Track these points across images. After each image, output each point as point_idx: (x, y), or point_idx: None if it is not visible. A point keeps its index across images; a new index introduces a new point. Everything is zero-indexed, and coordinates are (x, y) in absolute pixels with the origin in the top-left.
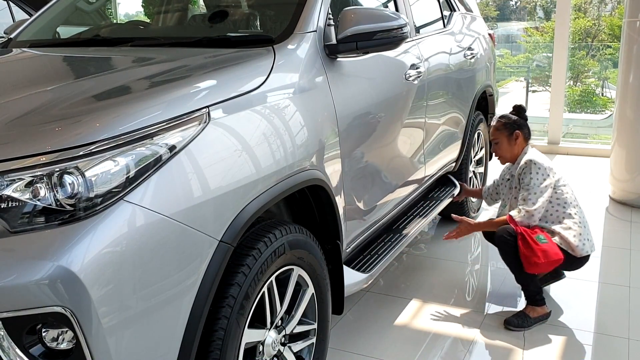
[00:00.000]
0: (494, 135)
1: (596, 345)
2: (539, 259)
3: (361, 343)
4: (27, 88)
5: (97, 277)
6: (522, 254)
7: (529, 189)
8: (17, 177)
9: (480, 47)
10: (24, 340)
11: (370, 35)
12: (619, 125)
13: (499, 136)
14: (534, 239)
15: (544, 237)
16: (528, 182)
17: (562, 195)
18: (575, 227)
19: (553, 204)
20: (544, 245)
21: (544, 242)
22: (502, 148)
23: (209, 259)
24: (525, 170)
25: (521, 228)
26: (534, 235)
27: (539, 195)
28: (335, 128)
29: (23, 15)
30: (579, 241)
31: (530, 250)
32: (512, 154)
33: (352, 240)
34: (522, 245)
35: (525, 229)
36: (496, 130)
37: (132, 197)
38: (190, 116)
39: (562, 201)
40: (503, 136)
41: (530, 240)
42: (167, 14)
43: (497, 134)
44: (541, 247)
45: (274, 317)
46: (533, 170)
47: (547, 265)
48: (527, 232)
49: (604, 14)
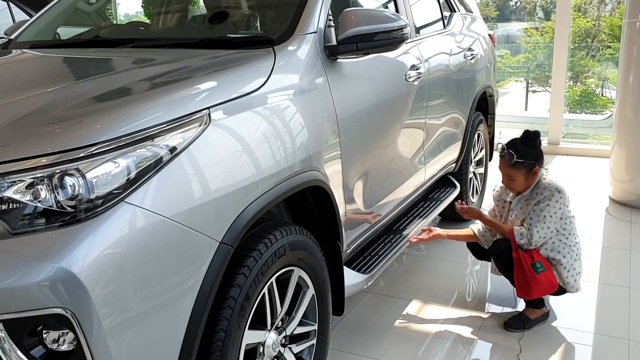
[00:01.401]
0: (510, 172)
1: (596, 346)
2: (531, 289)
3: (361, 344)
4: (27, 89)
5: (98, 279)
6: (516, 277)
7: (540, 216)
8: (18, 179)
9: (481, 47)
10: (24, 342)
11: (370, 37)
12: (619, 125)
13: (516, 174)
14: (531, 267)
15: (541, 265)
16: (542, 209)
17: (569, 226)
18: (571, 262)
19: (559, 234)
20: (540, 275)
21: (540, 271)
22: (518, 184)
23: (210, 261)
24: (547, 195)
25: (520, 252)
26: (532, 263)
27: (547, 225)
28: (335, 129)
29: (23, 16)
30: (573, 280)
31: (525, 278)
32: (528, 186)
33: (353, 241)
34: (518, 270)
35: (523, 254)
36: (512, 169)
37: (132, 198)
38: (190, 117)
39: (567, 232)
40: (521, 174)
41: (527, 268)
42: (167, 14)
43: (514, 172)
44: (536, 277)
45: (275, 319)
46: (554, 198)
47: (539, 294)
48: (524, 257)
49: (603, 14)
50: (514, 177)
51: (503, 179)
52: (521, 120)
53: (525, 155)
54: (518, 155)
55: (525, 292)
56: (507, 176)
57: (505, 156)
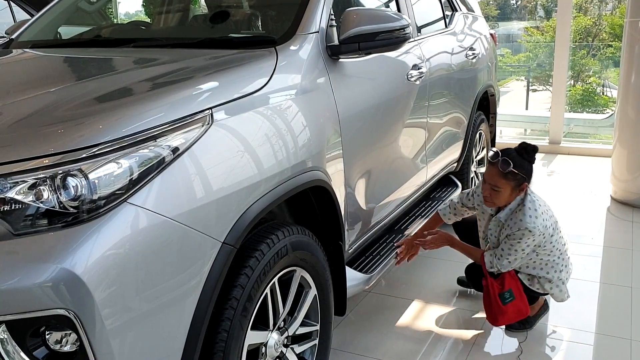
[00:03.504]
0: (498, 182)
1: (598, 346)
2: (496, 318)
3: (363, 344)
4: (29, 90)
5: (101, 279)
6: (485, 304)
7: (511, 250)
8: (20, 180)
9: (482, 47)
10: (27, 343)
11: (372, 36)
12: (621, 124)
13: (504, 186)
14: (498, 297)
15: (511, 295)
16: (512, 244)
17: (548, 246)
18: (556, 275)
19: (538, 255)
20: (507, 306)
21: (508, 301)
22: (501, 198)
23: (212, 261)
24: (518, 234)
25: (490, 280)
26: (500, 292)
27: (518, 257)
28: (337, 129)
29: (24, 15)
30: (558, 290)
31: (491, 306)
32: (509, 202)
33: (354, 241)
34: (485, 297)
35: (492, 282)
36: (502, 179)
37: (135, 199)
38: (193, 118)
39: (548, 250)
40: (509, 186)
41: (493, 297)
42: (168, 14)
43: (502, 182)
44: (502, 308)
45: (277, 319)
46: (524, 238)
47: (505, 322)
48: (493, 286)
49: (604, 13)
50: (501, 188)
51: (485, 189)
52: (522, 120)
53: (520, 167)
54: (513, 165)
55: (493, 319)
56: (492, 186)
57: (498, 163)
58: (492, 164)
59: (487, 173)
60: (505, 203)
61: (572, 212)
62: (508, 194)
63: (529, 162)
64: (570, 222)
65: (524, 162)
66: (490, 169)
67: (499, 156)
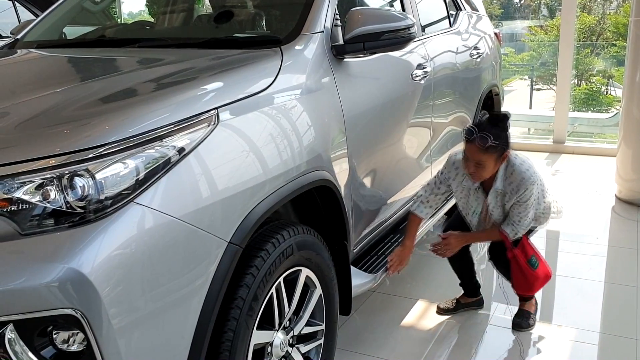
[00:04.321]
0: (480, 158)
1: (602, 346)
2: (533, 286)
3: (368, 343)
4: (35, 90)
5: (108, 279)
6: (515, 277)
7: (525, 210)
8: (28, 180)
9: (486, 46)
10: (35, 342)
11: (377, 36)
12: (625, 124)
13: (487, 159)
14: (527, 264)
15: (536, 260)
16: (526, 199)
17: (542, 184)
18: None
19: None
20: (537, 271)
21: (536, 266)
22: (487, 170)
23: (218, 261)
24: (527, 194)
25: (515, 251)
26: (527, 260)
27: (531, 212)
28: (342, 128)
29: (28, 16)
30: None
31: (524, 277)
32: (494, 172)
33: (359, 240)
34: (516, 270)
35: (518, 253)
36: (484, 154)
37: (141, 199)
38: (199, 118)
39: (544, 191)
40: (492, 159)
41: (524, 267)
42: (173, 14)
43: (485, 157)
44: (534, 274)
45: (282, 319)
46: (529, 188)
47: (539, 288)
48: (520, 256)
49: (608, 12)
50: (484, 163)
51: (468, 167)
52: (526, 119)
53: (498, 138)
54: (492, 138)
55: (528, 289)
56: (476, 163)
57: (476, 140)
58: (470, 141)
59: (468, 151)
60: (490, 174)
61: (576, 211)
62: (492, 166)
63: (504, 131)
64: (575, 222)
65: (500, 132)
66: (470, 146)
67: (475, 132)
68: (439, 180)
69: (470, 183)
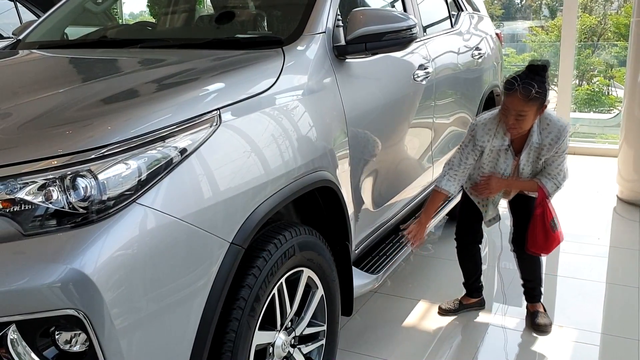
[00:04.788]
0: (523, 109)
1: (604, 347)
2: (551, 245)
3: (369, 344)
4: (37, 91)
5: (110, 280)
6: (535, 235)
7: (565, 157)
8: (30, 180)
9: (488, 46)
10: (37, 343)
11: (379, 36)
12: (627, 124)
13: (529, 110)
14: (550, 225)
15: (556, 222)
16: (564, 149)
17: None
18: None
19: None
20: (555, 233)
21: (556, 228)
22: (527, 122)
23: (220, 261)
24: (561, 135)
25: (546, 208)
26: (550, 220)
27: (566, 162)
28: (344, 129)
29: (30, 16)
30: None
31: (545, 236)
32: (531, 125)
33: (361, 241)
34: (539, 227)
35: (548, 211)
36: (527, 104)
37: (144, 199)
38: (201, 118)
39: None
40: (534, 109)
41: (548, 226)
42: (174, 14)
43: (527, 107)
44: (553, 236)
45: (284, 319)
46: (567, 136)
47: (552, 249)
48: (547, 214)
49: (610, 13)
50: (526, 113)
51: (508, 119)
52: None
53: (540, 88)
54: (536, 88)
55: (545, 249)
56: (517, 114)
57: (518, 90)
58: (511, 92)
59: (509, 102)
60: (529, 126)
61: (578, 212)
62: (532, 117)
63: (544, 81)
64: (576, 222)
65: (541, 81)
66: (512, 97)
67: (517, 83)
68: (465, 151)
69: (500, 142)
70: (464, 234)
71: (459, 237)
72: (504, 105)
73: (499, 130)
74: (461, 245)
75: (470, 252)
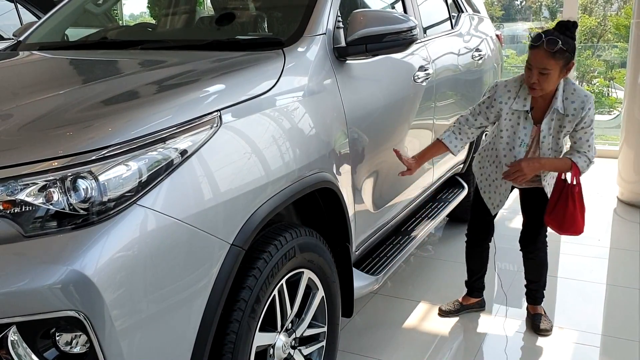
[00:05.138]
0: (547, 64)
1: (604, 348)
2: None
3: (369, 345)
4: (38, 92)
5: (110, 281)
6: (572, 213)
7: (592, 131)
8: (31, 182)
9: (488, 48)
10: (38, 345)
11: (379, 38)
12: (627, 126)
13: (553, 66)
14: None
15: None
16: (591, 121)
17: None
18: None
19: None
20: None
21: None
22: (550, 81)
23: (221, 262)
24: (586, 105)
25: (579, 186)
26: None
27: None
28: (344, 130)
29: (30, 17)
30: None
31: (581, 213)
32: (555, 86)
33: (361, 242)
34: (570, 206)
35: (580, 187)
36: (551, 59)
37: (144, 201)
38: (201, 120)
39: None
40: (558, 66)
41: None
42: (175, 16)
43: (551, 63)
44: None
45: (285, 321)
46: (590, 105)
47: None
48: (581, 191)
49: (610, 14)
50: (550, 70)
51: (532, 76)
52: None
53: (566, 44)
54: (561, 42)
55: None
56: (541, 70)
57: (544, 44)
58: (536, 47)
59: (533, 57)
60: (553, 88)
61: None
62: (557, 76)
63: (572, 39)
64: None
65: (568, 38)
66: (536, 52)
67: (542, 37)
68: (477, 110)
69: (520, 105)
70: (476, 231)
71: (471, 233)
72: (528, 63)
73: (520, 93)
74: (471, 241)
75: (479, 249)
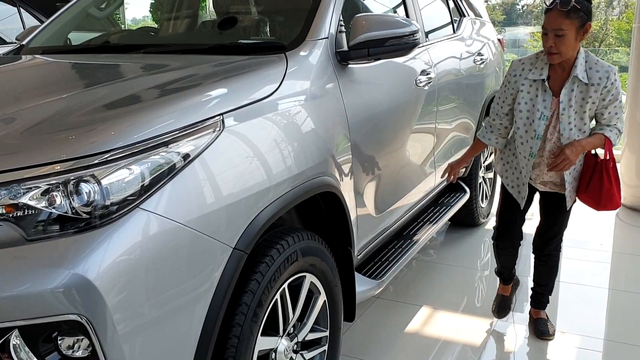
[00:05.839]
0: (561, 24)
1: (607, 353)
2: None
3: (371, 350)
4: (41, 96)
5: (113, 285)
6: (608, 188)
7: (620, 104)
8: (33, 185)
9: (490, 52)
10: (40, 348)
11: (382, 42)
12: (629, 129)
13: (568, 26)
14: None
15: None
16: (617, 96)
17: None
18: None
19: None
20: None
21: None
22: (567, 43)
23: (223, 266)
24: (610, 74)
25: (613, 160)
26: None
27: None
28: (346, 134)
29: (33, 21)
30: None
31: (617, 187)
32: (572, 54)
33: (363, 246)
34: (613, 177)
35: (614, 161)
36: (566, 18)
37: (147, 205)
38: (204, 124)
39: None
40: (573, 27)
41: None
42: (177, 20)
43: (566, 23)
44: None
45: (287, 325)
46: (615, 76)
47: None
48: (614, 164)
49: (611, 18)
50: (565, 30)
51: (547, 40)
52: None
53: (580, 2)
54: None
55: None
56: (556, 32)
57: (557, 5)
58: (550, 9)
59: (547, 21)
60: (571, 52)
61: (580, 218)
62: (573, 38)
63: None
64: (579, 228)
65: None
66: (550, 15)
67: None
68: (501, 99)
69: (537, 74)
70: (505, 238)
71: (500, 240)
72: (543, 28)
73: (537, 64)
74: (501, 248)
75: (510, 253)
